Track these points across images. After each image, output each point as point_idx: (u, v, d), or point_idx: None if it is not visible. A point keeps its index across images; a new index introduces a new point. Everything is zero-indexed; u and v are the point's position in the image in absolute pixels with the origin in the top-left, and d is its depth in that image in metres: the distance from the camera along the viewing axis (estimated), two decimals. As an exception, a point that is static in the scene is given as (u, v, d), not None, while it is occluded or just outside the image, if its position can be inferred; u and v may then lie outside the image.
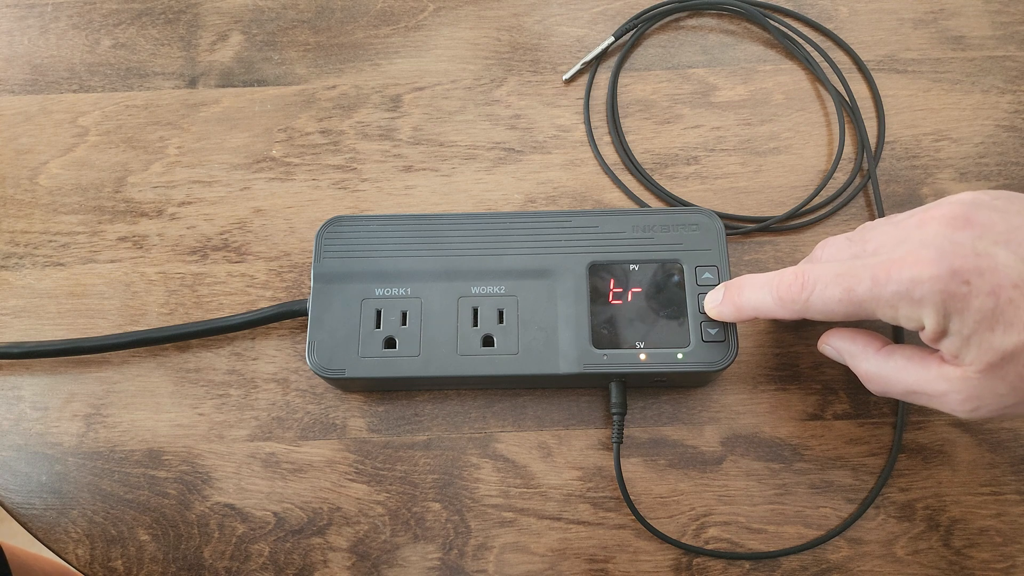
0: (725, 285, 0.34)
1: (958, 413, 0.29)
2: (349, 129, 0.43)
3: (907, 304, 0.27)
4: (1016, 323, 0.26)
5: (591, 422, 0.37)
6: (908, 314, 0.28)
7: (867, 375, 0.32)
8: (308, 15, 0.46)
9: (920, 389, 0.29)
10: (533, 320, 0.35)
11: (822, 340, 0.34)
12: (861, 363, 0.32)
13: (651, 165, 0.42)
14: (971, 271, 0.26)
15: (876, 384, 0.31)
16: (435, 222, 0.37)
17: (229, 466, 0.36)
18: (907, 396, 0.30)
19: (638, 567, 0.34)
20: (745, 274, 0.34)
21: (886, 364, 0.31)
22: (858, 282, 0.28)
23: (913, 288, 0.27)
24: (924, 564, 0.34)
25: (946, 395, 0.29)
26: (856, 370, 0.32)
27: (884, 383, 0.31)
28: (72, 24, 0.46)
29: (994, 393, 0.27)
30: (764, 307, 0.32)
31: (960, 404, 0.28)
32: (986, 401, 0.28)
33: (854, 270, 0.28)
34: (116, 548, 0.35)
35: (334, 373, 0.34)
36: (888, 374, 0.31)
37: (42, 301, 0.39)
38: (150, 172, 0.42)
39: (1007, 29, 0.44)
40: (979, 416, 0.29)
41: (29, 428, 0.37)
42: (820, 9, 0.45)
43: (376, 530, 0.35)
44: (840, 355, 0.33)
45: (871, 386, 0.32)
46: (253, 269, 0.40)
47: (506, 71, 0.44)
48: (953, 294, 0.26)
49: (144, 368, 0.38)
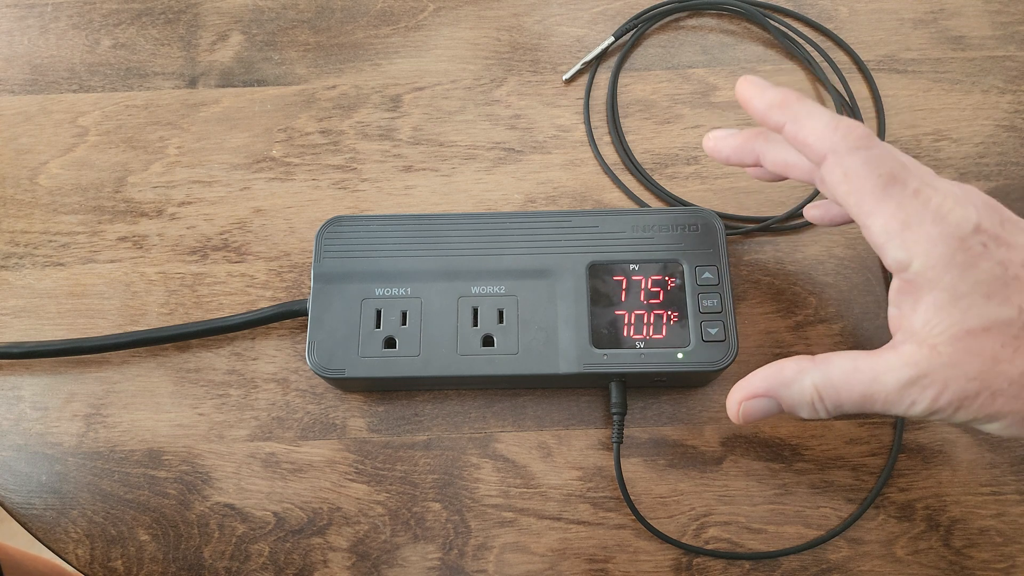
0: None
1: (918, 408, 0.26)
2: (349, 129, 0.43)
3: (925, 223, 0.26)
4: (1013, 300, 0.25)
5: (591, 422, 0.37)
6: (917, 236, 0.26)
7: (812, 394, 0.28)
8: (308, 15, 0.46)
9: (879, 388, 0.26)
10: (533, 320, 0.35)
11: (738, 399, 0.30)
12: (803, 383, 0.28)
13: (651, 165, 0.42)
14: (992, 237, 0.26)
15: (827, 400, 0.28)
16: (435, 222, 0.37)
17: (229, 466, 0.36)
18: (862, 404, 0.27)
19: (638, 567, 0.34)
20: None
21: (832, 371, 0.27)
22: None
23: (940, 218, 0.25)
24: (924, 564, 0.34)
25: (910, 386, 0.26)
26: (795, 398, 0.28)
27: (834, 395, 0.27)
28: (72, 24, 0.46)
29: (963, 374, 0.25)
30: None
31: (922, 392, 0.26)
32: (952, 386, 0.25)
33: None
34: (116, 548, 0.35)
35: (334, 373, 0.34)
36: (838, 381, 0.27)
37: (42, 301, 0.39)
38: (150, 172, 0.42)
39: (1007, 29, 0.44)
40: (939, 408, 0.26)
41: (29, 428, 0.37)
42: (820, 9, 0.45)
43: (376, 530, 0.35)
44: (769, 395, 0.29)
45: (818, 407, 0.28)
46: (253, 269, 0.40)
47: (506, 71, 0.44)
48: (968, 246, 0.25)
49: (144, 368, 0.38)
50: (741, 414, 0.30)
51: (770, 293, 0.39)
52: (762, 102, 0.30)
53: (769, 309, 0.38)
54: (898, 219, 0.26)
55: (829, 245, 0.40)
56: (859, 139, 0.27)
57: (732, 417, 0.30)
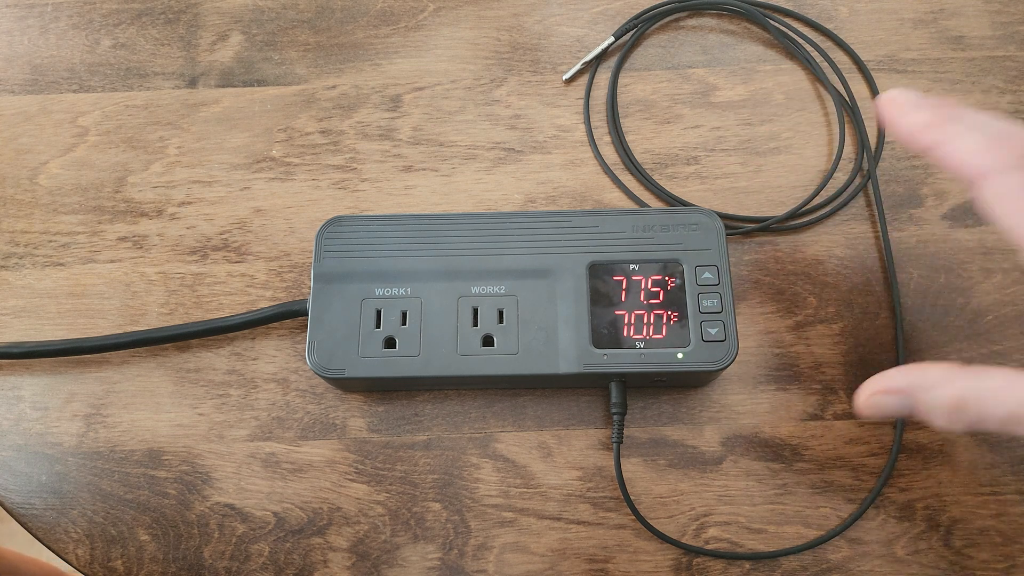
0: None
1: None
2: (349, 129, 0.43)
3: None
4: None
5: (591, 422, 0.37)
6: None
7: (954, 402, 0.26)
8: (308, 15, 0.46)
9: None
10: (533, 320, 0.35)
11: (873, 389, 0.28)
12: (947, 389, 0.26)
13: (651, 165, 0.42)
14: None
15: (971, 411, 0.26)
16: (435, 222, 0.37)
17: (229, 466, 0.36)
18: (1007, 423, 0.25)
19: (638, 567, 0.34)
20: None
21: (983, 383, 0.26)
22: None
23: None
24: (924, 564, 0.34)
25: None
26: (935, 403, 0.27)
27: (979, 407, 0.25)
28: (72, 24, 0.46)
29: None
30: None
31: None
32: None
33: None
34: (116, 548, 0.35)
35: (334, 373, 0.34)
36: (987, 395, 0.25)
37: (42, 301, 0.39)
38: (150, 172, 0.42)
39: (1007, 29, 0.44)
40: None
41: (29, 428, 0.37)
42: (820, 9, 0.45)
43: (376, 530, 0.35)
44: (909, 394, 0.27)
45: (958, 416, 0.26)
46: (253, 269, 0.40)
47: (506, 71, 0.44)
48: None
49: (144, 368, 0.38)
50: (870, 406, 0.28)
51: (770, 293, 0.39)
52: (913, 120, 0.28)
53: (769, 309, 0.38)
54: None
55: (829, 245, 0.40)
56: (1017, 158, 0.26)
57: (859, 405, 0.29)
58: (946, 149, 0.27)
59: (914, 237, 0.40)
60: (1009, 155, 0.26)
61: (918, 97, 0.29)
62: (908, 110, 0.28)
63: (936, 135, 0.28)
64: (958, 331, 0.38)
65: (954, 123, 0.27)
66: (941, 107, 0.29)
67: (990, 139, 0.26)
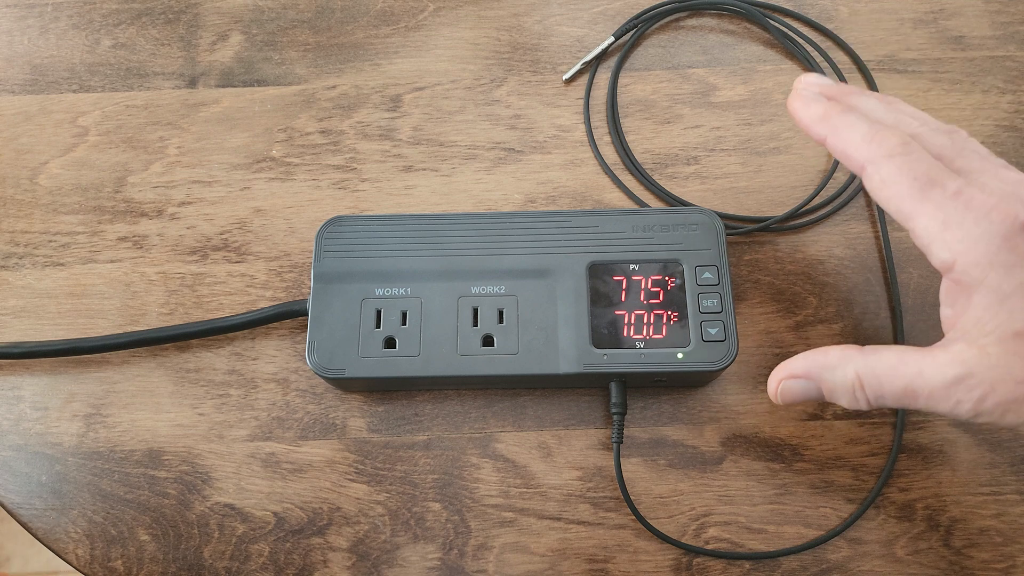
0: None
1: (963, 408, 0.26)
2: (349, 129, 0.43)
3: (967, 223, 0.26)
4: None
5: (591, 422, 0.37)
6: (958, 236, 0.26)
7: (853, 381, 0.28)
8: (308, 15, 0.46)
9: (923, 384, 0.26)
10: (533, 320, 0.35)
11: (779, 377, 0.30)
12: (846, 369, 0.28)
13: (651, 165, 0.42)
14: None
15: (868, 389, 0.28)
16: (435, 222, 0.37)
17: (229, 466, 0.36)
18: (903, 398, 0.27)
19: (638, 567, 0.34)
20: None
21: (877, 362, 0.28)
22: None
23: (983, 217, 0.26)
24: (924, 564, 0.34)
25: (956, 384, 0.25)
26: (836, 383, 0.29)
27: (876, 385, 0.28)
28: (72, 24, 0.46)
29: (1011, 377, 0.25)
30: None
31: (969, 392, 0.25)
32: (999, 388, 0.25)
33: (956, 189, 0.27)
34: (116, 548, 0.35)
35: (334, 373, 0.34)
36: (882, 372, 0.27)
37: (42, 301, 0.39)
38: (150, 172, 0.42)
39: (1007, 29, 0.44)
40: (985, 410, 0.25)
41: (29, 428, 0.37)
42: (820, 9, 0.45)
43: (376, 530, 0.35)
44: (810, 377, 0.29)
45: (858, 395, 0.28)
46: (253, 269, 0.40)
47: (506, 71, 0.44)
48: (1014, 245, 0.25)
49: (144, 368, 0.38)
50: (780, 393, 0.30)
51: (770, 293, 0.39)
52: (807, 114, 0.31)
53: (769, 309, 0.38)
54: (937, 220, 0.27)
55: (829, 245, 0.40)
56: (894, 147, 0.28)
57: (771, 395, 0.31)
58: (834, 141, 0.29)
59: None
60: (884, 145, 0.28)
61: (824, 86, 0.32)
62: (808, 103, 0.31)
63: (826, 128, 0.30)
64: (958, 331, 0.38)
65: (843, 116, 0.29)
66: (837, 98, 0.31)
67: (871, 131, 0.28)
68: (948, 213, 0.26)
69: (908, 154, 0.27)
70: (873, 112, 0.30)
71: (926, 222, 0.27)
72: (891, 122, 0.30)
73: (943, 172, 0.27)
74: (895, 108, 0.31)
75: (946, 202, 0.27)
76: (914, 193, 0.27)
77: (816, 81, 0.32)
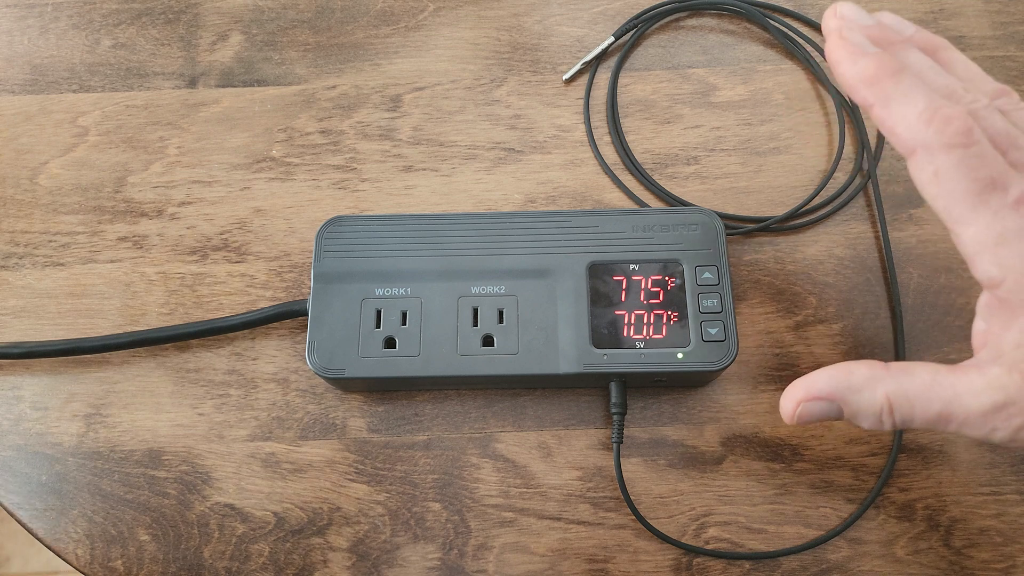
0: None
1: (999, 435, 0.24)
2: (349, 129, 0.43)
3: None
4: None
5: (591, 422, 0.37)
6: (1015, 252, 0.23)
7: (882, 404, 0.26)
8: (308, 15, 0.46)
9: (960, 409, 0.24)
10: (533, 320, 0.35)
11: (798, 397, 0.27)
12: (875, 391, 0.26)
13: (651, 165, 0.42)
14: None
15: (897, 413, 0.25)
16: (435, 222, 0.37)
17: (229, 466, 0.36)
18: (936, 422, 0.25)
19: (638, 567, 0.34)
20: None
21: (910, 383, 0.25)
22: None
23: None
24: (924, 564, 0.34)
25: (995, 412, 0.24)
26: (862, 406, 0.26)
27: (907, 409, 0.25)
28: (72, 24, 0.46)
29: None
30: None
31: (1007, 421, 0.23)
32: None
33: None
34: (116, 548, 0.35)
35: (334, 373, 0.34)
36: (914, 395, 0.25)
37: (42, 301, 0.39)
38: (150, 172, 0.42)
39: (1007, 29, 0.44)
40: (1021, 439, 0.24)
41: (29, 428, 0.37)
42: (820, 9, 0.45)
43: (376, 530, 0.35)
44: (834, 398, 0.27)
45: (885, 419, 0.26)
46: (253, 269, 0.40)
47: (506, 71, 0.44)
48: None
49: (144, 368, 0.38)
50: (798, 415, 0.27)
51: (770, 293, 0.39)
52: (852, 71, 0.26)
53: (769, 309, 0.38)
54: (993, 231, 0.24)
55: (829, 245, 0.40)
56: (956, 134, 0.24)
57: (786, 417, 0.28)
58: (883, 113, 0.25)
59: (914, 237, 0.40)
60: (946, 131, 0.24)
61: (867, 25, 0.27)
62: (856, 56, 0.26)
63: (876, 94, 0.25)
64: (958, 331, 0.38)
65: (898, 82, 0.25)
66: (888, 51, 0.26)
67: (930, 107, 0.24)
68: (1006, 225, 0.23)
69: (970, 146, 0.23)
70: (926, 73, 0.26)
71: (978, 231, 0.24)
72: (945, 90, 0.25)
73: (1006, 172, 0.24)
74: (946, 67, 0.27)
75: (1006, 212, 0.23)
76: (971, 197, 0.24)
77: (855, 17, 0.27)
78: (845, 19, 0.27)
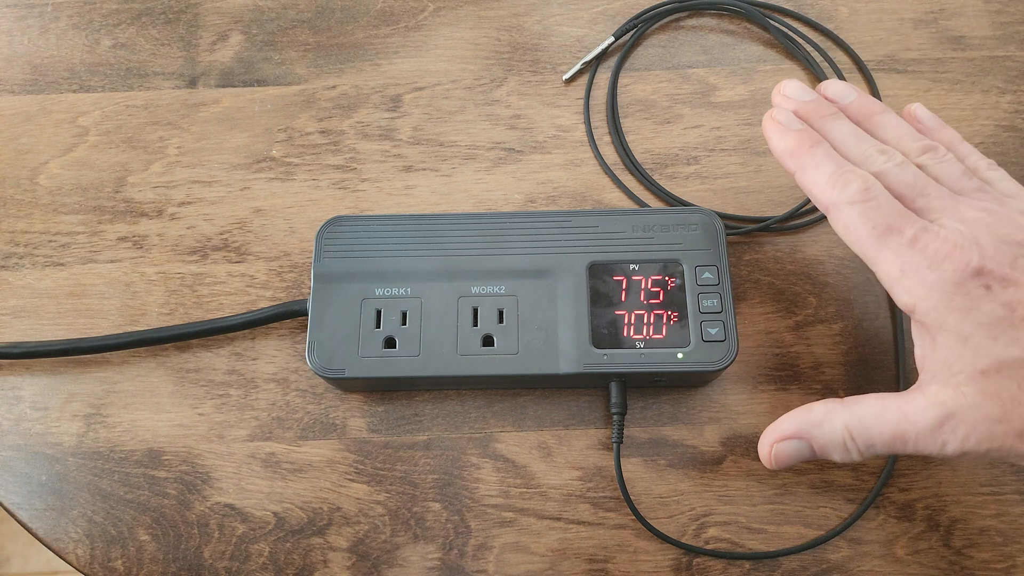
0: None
1: (950, 449, 0.27)
2: (349, 129, 0.43)
3: (922, 270, 0.27)
4: (1022, 341, 0.25)
5: (591, 422, 0.37)
6: (915, 282, 0.27)
7: (843, 433, 0.28)
8: (308, 15, 0.46)
9: (910, 428, 0.27)
10: (533, 320, 0.35)
11: (770, 441, 0.30)
12: (834, 422, 0.29)
13: (651, 165, 0.42)
14: (998, 278, 0.26)
15: (858, 439, 0.28)
16: (435, 222, 0.37)
17: (229, 466, 0.36)
18: (893, 443, 0.28)
19: (638, 567, 0.34)
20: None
21: (863, 410, 0.28)
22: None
23: (936, 265, 0.27)
24: (924, 564, 0.34)
25: (940, 426, 0.26)
26: (826, 438, 0.29)
27: (865, 434, 0.28)
28: (72, 24, 0.46)
29: (987, 416, 0.26)
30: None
31: (952, 433, 0.26)
32: (979, 427, 0.26)
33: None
34: (116, 548, 0.35)
35: (334, 373, 0.34)
36: (868, 420, 0.28)
37: (42, 301, 0.39)
38: (150, 172, 0.42)
39: (1007, 29, 0.44)
40: (970, 448, 0.26)
41: (29, 428, 0.37)
42: (820, 9, 0.45)
43: (376, 530, 0.35)
44: (801, 436, 0.29)
45: (850, 446, 0.29)
46: (253, 269, 0.40)
47: (506, 71, 0.44)
48: (967, 290, 0.26)
49: (144, 368, 0.38)
50: (773, 457, 0.30)
51: (770, 293, 0.39)
52: (779, 146, 0.31)
53: (769, 309, 0.38)
54: (896, 267, 0.28)
55: (829, 245, 0.40)
56: (855, 194, 0.29)
57: (765, 461, 0.31)
58: (801, 179, 0.31)
59: (914, 237, 0.40)
60: (847, 191, 0.29)
61: (802, 101, 0.32)
62: (783, 133, 0.31)
63: (795, 164, 0.31)
64: (958, 331, 0.38)
65: (811, 154, 0.30)
66: (812, 121, 0.31)
67: (835, 173, 0.29)
68: (905, 260, 0.28)
69: (868, 200, 0.28)
70: (843, 143, 0.31)
71: (886, 268, 0.28)
72: (859, 157, 0.30)
73: (902, 217, 0.28)
74: (876, 130, 0.32)
75: (903, 250, 0.28)
76: (873, 241, 0.28)
77: (795, 94, 0.33)
78: (782, 95, 0.33)
